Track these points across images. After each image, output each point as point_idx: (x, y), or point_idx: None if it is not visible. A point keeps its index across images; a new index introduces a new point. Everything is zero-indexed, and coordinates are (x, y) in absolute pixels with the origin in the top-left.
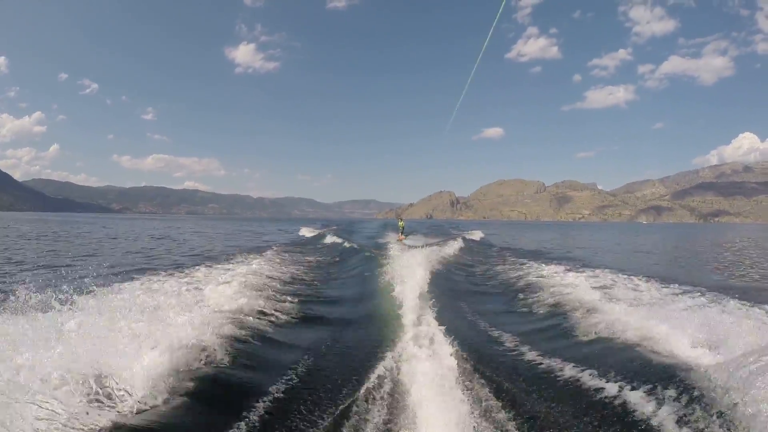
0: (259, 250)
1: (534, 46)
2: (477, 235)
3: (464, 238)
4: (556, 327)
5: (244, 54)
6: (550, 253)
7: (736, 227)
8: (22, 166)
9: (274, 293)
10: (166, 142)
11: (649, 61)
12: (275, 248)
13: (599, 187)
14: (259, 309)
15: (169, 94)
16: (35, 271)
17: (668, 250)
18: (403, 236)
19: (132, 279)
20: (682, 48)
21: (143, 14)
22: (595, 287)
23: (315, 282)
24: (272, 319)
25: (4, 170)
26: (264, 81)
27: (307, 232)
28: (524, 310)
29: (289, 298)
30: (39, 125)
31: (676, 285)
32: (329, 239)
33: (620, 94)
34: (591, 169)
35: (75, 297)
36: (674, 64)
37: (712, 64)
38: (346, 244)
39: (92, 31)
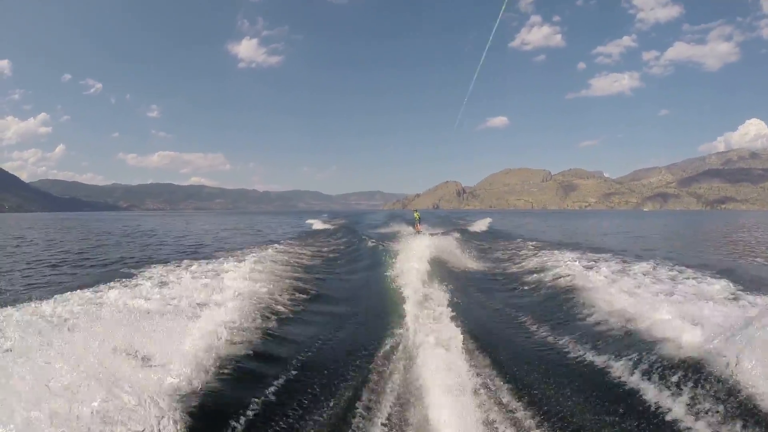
0: (269, 242)
1: (537, 34)
2: (483, 223)
3: (470, 227)
4: (561, 311)
5: (246, 49)
6: (555, 239)
7: (743, 214)
8: (29, 168)
9: (284, 283)
10: (171, 139)
11: (653, 48)
12: (284, 240)
13: (606, 175)
14: (270, 297)
15: (173, 91)
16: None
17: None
18: (419, 227)
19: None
20: (687, 34)
21: (145, 12)
22: (601, 273)
23: (324, 270)
24: (282, 306)
25: (11, 172)
26: (267, 75)
27: (314, 224)
28: (530, 294)
29: (299, 286)
30: (44, 126)
31: (687, 270)
32: (336, 230)
33: (625, 81)
34: (597, 157)
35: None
36: (679, 50)
37: (717, 50)
38: (353, 234)
39: (94, 31)
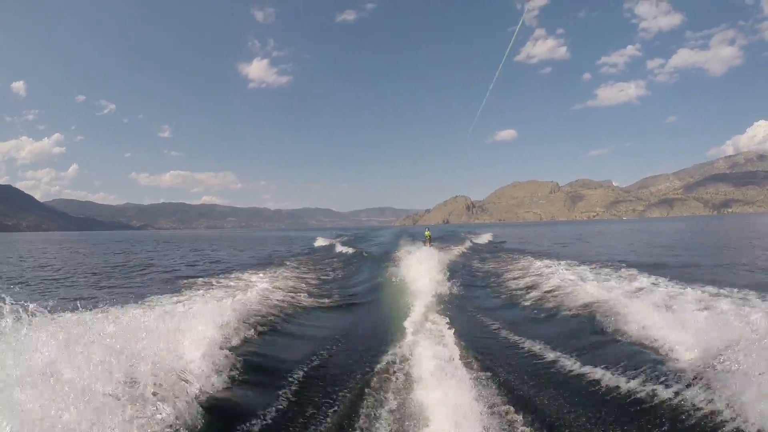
0: (279, 259)
1: (542, 47)
2: (486, 237)
3: (473, 240)
4: (558, 322)
5: (257, 69)
6: (552, 250)
7: (746, 217)
8: (42, 187)
9: (292, 296)
10: (182, 158)
11: (658, 56)
12: (294, 257)
13: (615, 184)
14: (280, 310)
15: (184, 111)
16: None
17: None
18: (430, 245)
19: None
20: (690, 41)
21: (158, 35)
22: (594, 282)
23: (330, 284)
24: (290, 318)
25: (25, 191)
26: (277, 94)
27: (322, 242)
28: (528, 306)
29: (305, 300)
30: (58, 146)
31: (682, 280)
32: (343, 247)
33: (631, 90)
34: (606, 166)
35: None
36: (683, 57)
37: (720, 55)
38: (359, 250)
39: (108, 53)
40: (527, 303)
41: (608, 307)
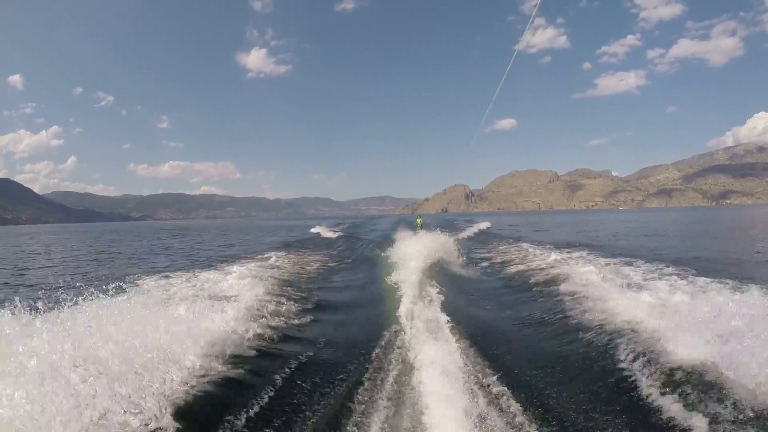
0: (273, 248)
1: (542, 36)
2: (483, 225)
3: (468, 229)
4: (555, 309)
5: (255, 59)
6: (548, 238)
7: (745, 209)
8: (41, 180)
9: (285, 286)
10: (181, 149)
11: (658, 46)
12: (288, 246)
13: (614, 174)
14: (272, 300)
15: (183, 102)
16: None
17: None
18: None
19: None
20: (691, 31)
21: (155, 26)
22: (591, 271)
23: (325, 273)
24: (283, 309)
25: (24, 184)
26: (276, 84)
27: (319, 230)
28: (524, 293)
29: (300, 290)
30: (56, 139)
31: (682, 270)
32: (339, 235)
33: (631, 79)
34: (606, 156)
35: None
36: (684, 47)
37: (721, 46)
38: (354, 238)
39: (105, 45)
40: (524, 289)
41: (608, 295)
